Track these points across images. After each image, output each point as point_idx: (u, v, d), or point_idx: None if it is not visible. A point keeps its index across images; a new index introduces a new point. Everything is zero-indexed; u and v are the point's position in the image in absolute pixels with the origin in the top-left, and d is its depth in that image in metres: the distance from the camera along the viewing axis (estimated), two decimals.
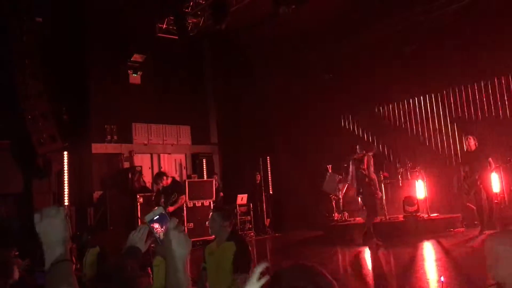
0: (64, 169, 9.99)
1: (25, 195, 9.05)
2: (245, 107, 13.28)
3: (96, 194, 11.06)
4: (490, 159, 8.38)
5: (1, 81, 8.90)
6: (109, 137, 11.66)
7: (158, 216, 1.49)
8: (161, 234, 1.46)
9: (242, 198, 11.93)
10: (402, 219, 9.50)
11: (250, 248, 3.66)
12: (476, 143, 8.54)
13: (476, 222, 8.72)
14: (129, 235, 2.29)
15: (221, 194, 12.25)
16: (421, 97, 11.15)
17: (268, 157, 12.92)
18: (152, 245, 5.05)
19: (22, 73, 8.98)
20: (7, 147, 8.87)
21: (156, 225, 1.48)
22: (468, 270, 5.87)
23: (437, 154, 10.70)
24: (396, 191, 10.64)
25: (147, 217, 1.51)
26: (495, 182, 8.70)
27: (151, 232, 1.50)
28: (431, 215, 9.70)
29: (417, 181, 9.91)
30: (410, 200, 9.59)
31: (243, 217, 11.84)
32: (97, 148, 11.44)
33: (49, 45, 9.80)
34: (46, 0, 10.00)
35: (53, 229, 1.39)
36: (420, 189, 9.84)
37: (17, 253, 5.12)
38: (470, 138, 8.59)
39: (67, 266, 1.38)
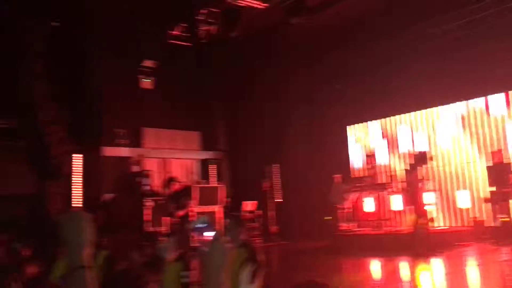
0: (75, 171, 10.07)
1: (36, 197, 9.13)
2: (255, 115, 13.30)
3: (105, 197, 11.12)
4: None
5: (12, 83, 8.98)
6: (119, 141, 11.76)
7: (202, 225, 1.51)
8: (203, 243, 1.48)
9: (249, 205, 11.91)
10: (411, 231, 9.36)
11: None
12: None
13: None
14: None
15: (227, 200, 12.23)
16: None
17: (276, 165, 12.91)
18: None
19: (32, 74, 9.07)
20: (21, 149, 8.97)
21: (199, 233, 1.51)
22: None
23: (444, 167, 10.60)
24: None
25: (192, 225, 1.54)
26: None
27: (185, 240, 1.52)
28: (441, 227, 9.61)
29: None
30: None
31: (250, 224, 11.81)
32: (107, 151, 11.53)
33: (61, 49, 9.91)
34: (58, 3, 10.13)
35: (74, 234, 1.40)
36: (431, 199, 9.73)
37: (28, 252, 5.02)
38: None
39: (84, 272, 1.38)
